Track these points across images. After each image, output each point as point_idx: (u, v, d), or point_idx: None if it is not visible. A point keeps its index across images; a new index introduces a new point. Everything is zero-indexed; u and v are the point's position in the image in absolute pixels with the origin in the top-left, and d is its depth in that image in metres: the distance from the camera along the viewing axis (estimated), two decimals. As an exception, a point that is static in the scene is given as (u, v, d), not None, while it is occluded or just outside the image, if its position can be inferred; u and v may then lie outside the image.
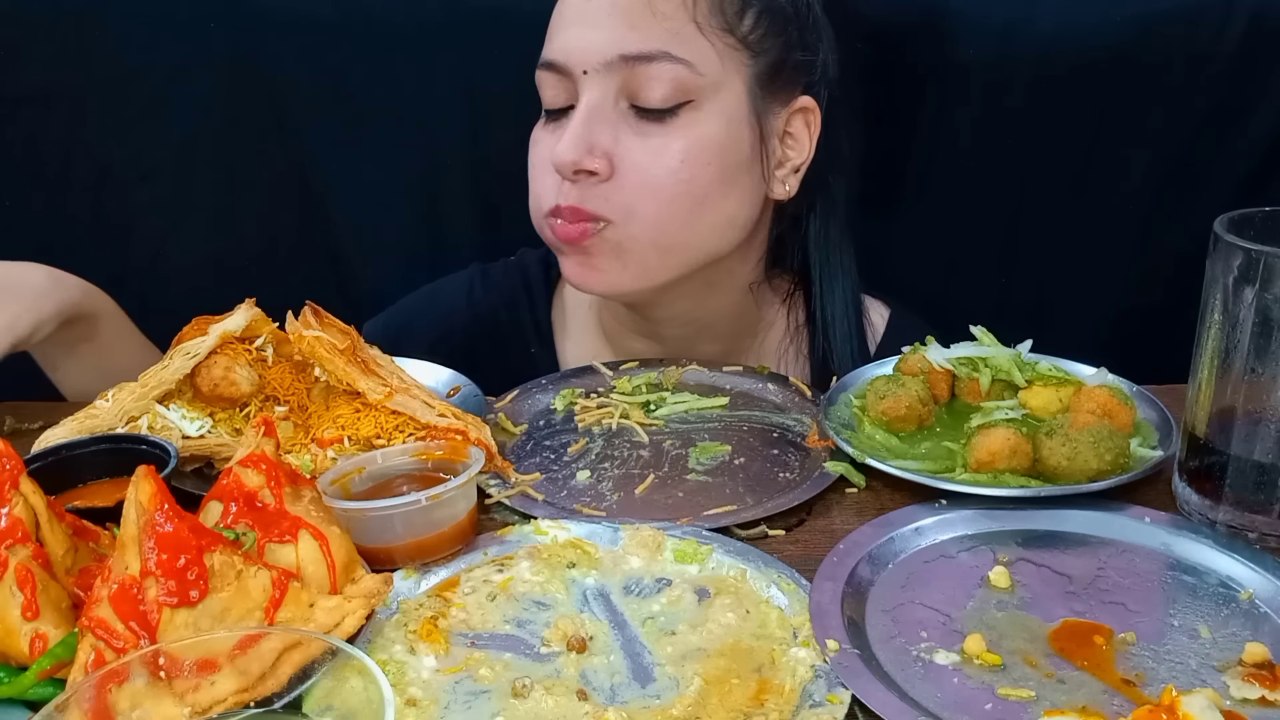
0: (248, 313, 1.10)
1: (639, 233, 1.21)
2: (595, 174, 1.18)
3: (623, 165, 1.19)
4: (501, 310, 1.46)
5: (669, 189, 1.20)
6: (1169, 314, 1.57)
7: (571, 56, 1.19)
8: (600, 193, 1.19)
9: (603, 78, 1.17)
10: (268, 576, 0.78)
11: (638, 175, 1.19)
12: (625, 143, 1.19)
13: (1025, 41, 1.47)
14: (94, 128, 1.56)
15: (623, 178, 1.19)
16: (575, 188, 1.19)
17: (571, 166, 1.18)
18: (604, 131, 1.18)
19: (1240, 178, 1.52)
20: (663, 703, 0.77)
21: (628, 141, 1.19)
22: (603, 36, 1.17)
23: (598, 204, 1.20)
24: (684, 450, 1.13)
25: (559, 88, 1.21)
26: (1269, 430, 0.90)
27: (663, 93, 1.18)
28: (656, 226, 1.21)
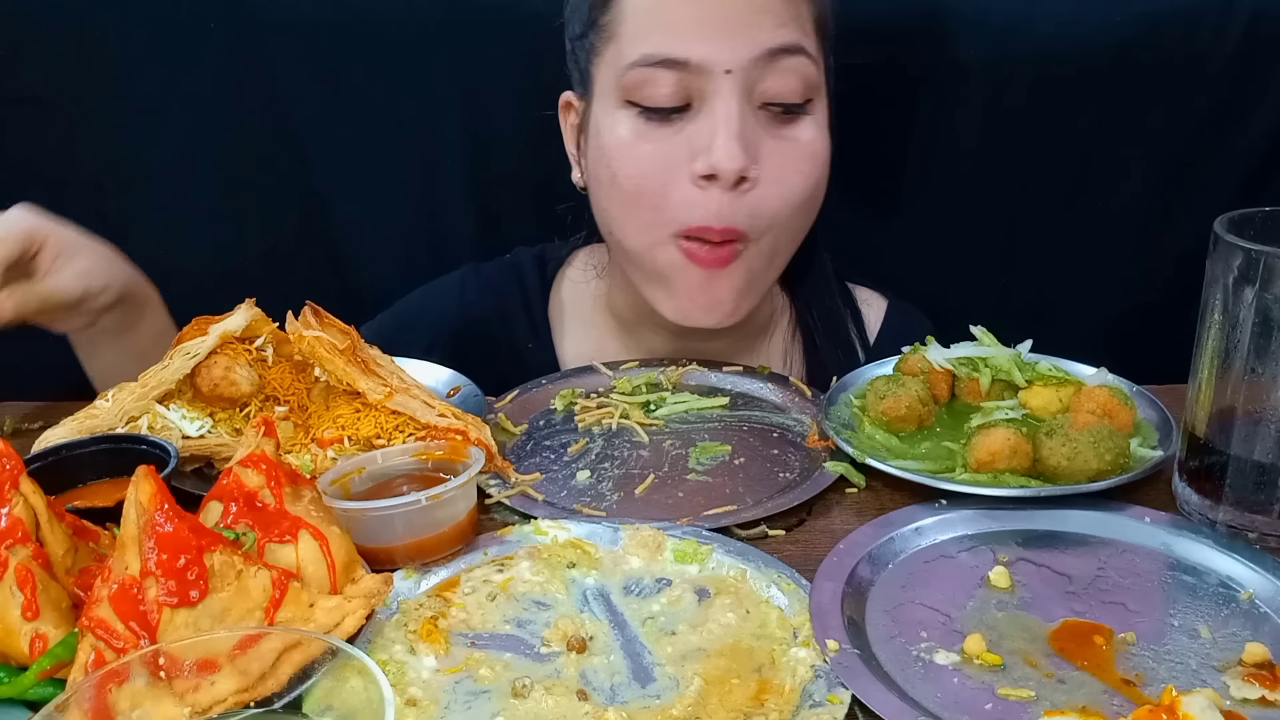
0: (248, 313, 1.10)
1: (769, 245, 1.19)
2: (748, 181, 1.14)
3: (764, 170, 1.15)
4: (494, 309, 1.43)
5: (800, 194, 1.19)
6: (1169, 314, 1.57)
7: (713, 53, 1.12)
8: (744, 204, 1.15)
9: (743, 76, 1.13)
10: (268, 576, 0.78)
11: (779, 183, 1.16)
12: (764, 145, 1.15)
13: (1025, 41, 1.47)
14: (94, 128, 1.56)
15: (764, 186, 1.15)
16: (726, 200, 1.14)
17: (737, 174, 1.12)
18: (751, 134, 1.14)
19: (1240, 178, 1.52)
20: (663, 703, 0.77)
21: (766, 144, 1.16)
22: (752, 33, 1.13)
23: (743, 218, 1.15)
24: (684, 450, 1.13)
25: (676, 86, 1.14)
26: (1269, 430, 0.90)
27: (797, 89, 1.15)
28: (786, 235, 1.20)
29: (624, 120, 1.18)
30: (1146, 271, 1.58)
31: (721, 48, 1.12)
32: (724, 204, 1.14)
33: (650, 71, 1.14)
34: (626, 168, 1.18)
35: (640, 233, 1.20)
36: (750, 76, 1.13)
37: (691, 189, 1.15)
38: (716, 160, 1.12)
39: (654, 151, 1.17)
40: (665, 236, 1.18)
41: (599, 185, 1.24)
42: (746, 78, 1.13)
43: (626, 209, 1.20)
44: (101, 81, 1.54)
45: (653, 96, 1.15)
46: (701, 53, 1.12)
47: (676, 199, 1.16)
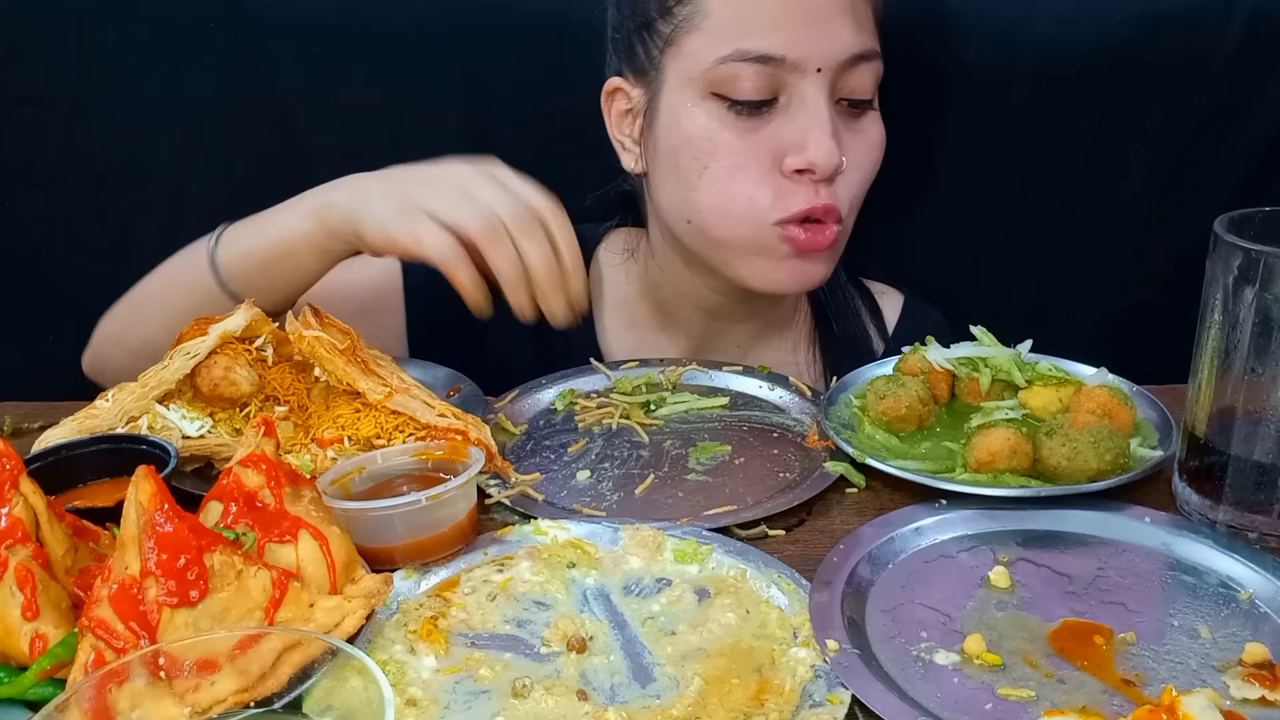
0: (248, 313, 1.10)
1: (848, 225, 1.25)
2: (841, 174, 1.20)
3: (849, 161, 1.22)
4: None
5: (869, 179, 1.26)
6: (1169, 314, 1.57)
7: (807, 52, 1.16)
8: (836, 191, 1.21)
9: (831, 75, 1.18)
10: (268, 576, 0.78)
11: (857, 170, 1.23)
12: (846, 138, 1.21)
13: (1025, 41, 1.47)
14: (94, 128, 1.56)
15: (849, 174, 1.22)
16: (824, 189, 1.20)
17: (834, 171, 1.19)
18: (838, 129, 1.20)
19: (1240, 178, 1.51)
20: (663, 703, 0.77)
21: (847, 137, 1.21)
22: (843, 35, 1.18)
23: (840, 202, 1.22)
24: (684, 450, 1.13)
25: (764, 80, 1.17)
26: (1269, 430, 0.90)
27: (870, 88, 1.22)
28: (856, 215, 1.26)
29: (711, 112, 1.21)
30: (1146, 271, 1.58)
31: (815, 48, 1.17)
32: (821, 191, 1.20)
33: (743, 66, 1.17)
34: (715, 159, 1.21)
35: (734, 224, 1.23)
36: (836, 76, 1.19)
37: (784, 181, 1.20)
38: (813, 156, 1.17)
39: (743, 144, 1.20)
40: (765, 225, 1.22)
41: (676, 173, 1.25)
42: (833, 77, 1.18)
43: (718, 201, 1.23)
44: (101, 81, 1.54)
45: (744, 90, 1.18)
46: (797, 51, 1.16)
47: (768, 190, 1.20)
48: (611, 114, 1.33)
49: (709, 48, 1.18)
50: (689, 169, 1.23)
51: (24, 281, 1.64)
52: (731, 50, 1.17)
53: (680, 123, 1.23)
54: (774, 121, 1.19)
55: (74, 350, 1.65)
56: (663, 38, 1.23)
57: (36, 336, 1.66)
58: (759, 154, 1.20)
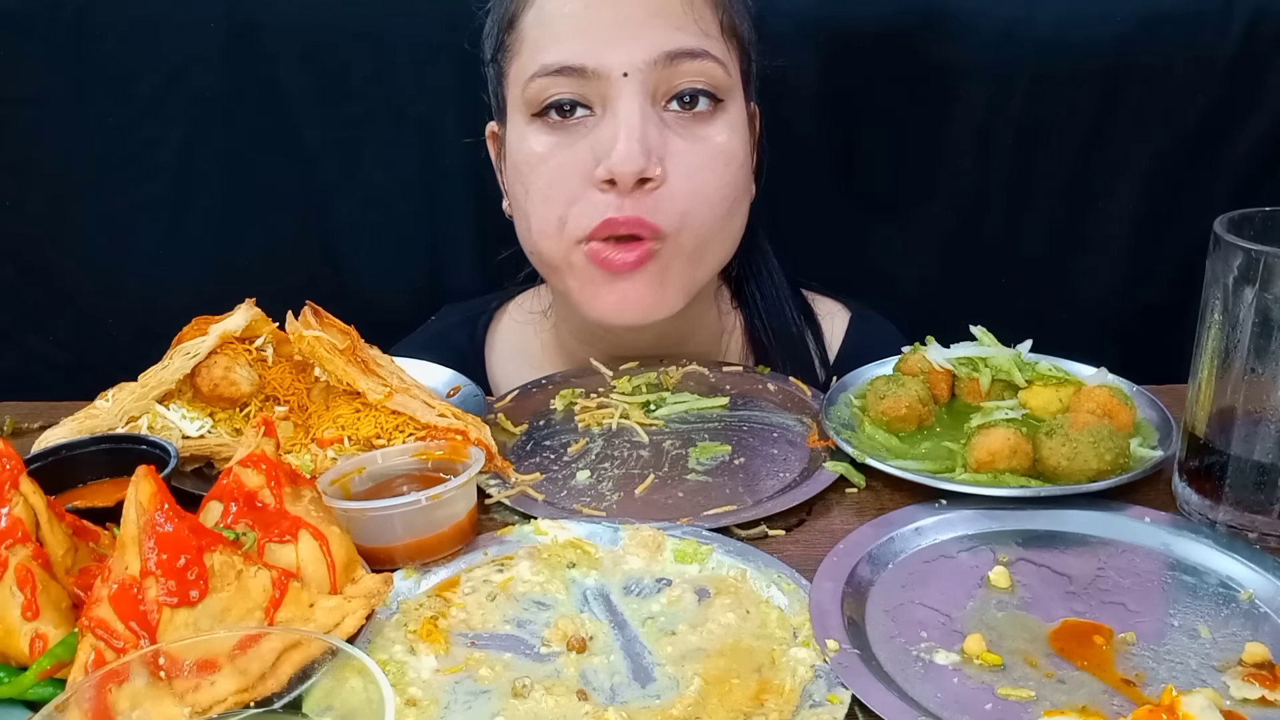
0: (248, 313, 1.10)
1: (685, 243, 1.17)
2: (652, 181, 1.13)
3: (672, 170, 1.14)
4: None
5: (715, 193, 1.17)
6: (1169, 314, 1.58)
7: (608, 57, 1.12)
8: (652, 202, 1.14)
9: (642, 78, 1.13)
10: (268, 576, 0.78)
11: (688, 180, 1.15)
12: (671, 145, 1.15)
13: (1025, 41, 1.47)
14: (94, 128, 1.56)
15: (672, 184, 1.14)
16: (631, 200, 1.13)
17: (636, 176, 1.11)
18: (654, 136, 1.13)
19: (1240, 178, 1.52)
20: (663, 703, 0.77)
21: (673, 144, 1.15)
22: (645, 35, 1.13)
23: (656, 215, 1.14)
24: (684, 450, 1.12)
25: (576, 92, 1.14)
26: (1269, 430, 0.90)
27: (708, 92, 1.16)
28: (702, 235, 1.18)
29: (532, 134, 1.18)
30: (1146, 271, 1.59)
31: (617, 52, 1.13)
32: (625, 202, 1.13)
33: (551, 80, 1.15)
34: (536, 180, 1.18)
35: (552, 244, 1.19)
36: (650, 79, 1.14)
37: (595, 194, 1.15)
38: (613, 162, 1.11)
39: (561, 160, 1.16)
40: (572, 244, 1.17)
41: (517, 205, 1.23)
42: (646, 80, 1.13)
43: (539, 222, 1.19)
44: (101, 81, 1.54)
45: (556, 104, 1.16)
46: (597, 59, 1.13)
47: (580, 204, 1.15)
48: (495, 159, 1.32)
49: (524, 68, 1.17)
50: (519, 195, 1.20)
51: (24, 282, 1.64)
52: (539, 66, 1.15)
53: (513, 150, 1.21)
54: (590, 135, 1.15)
55: (74, 350, 1.66)
56: (501, 71, 1.22)
57: (36, 336, 1.67)
58: (576, 168, 1.15)
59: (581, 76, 1.13)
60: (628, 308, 1.18)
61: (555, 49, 1.15)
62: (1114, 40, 1.46)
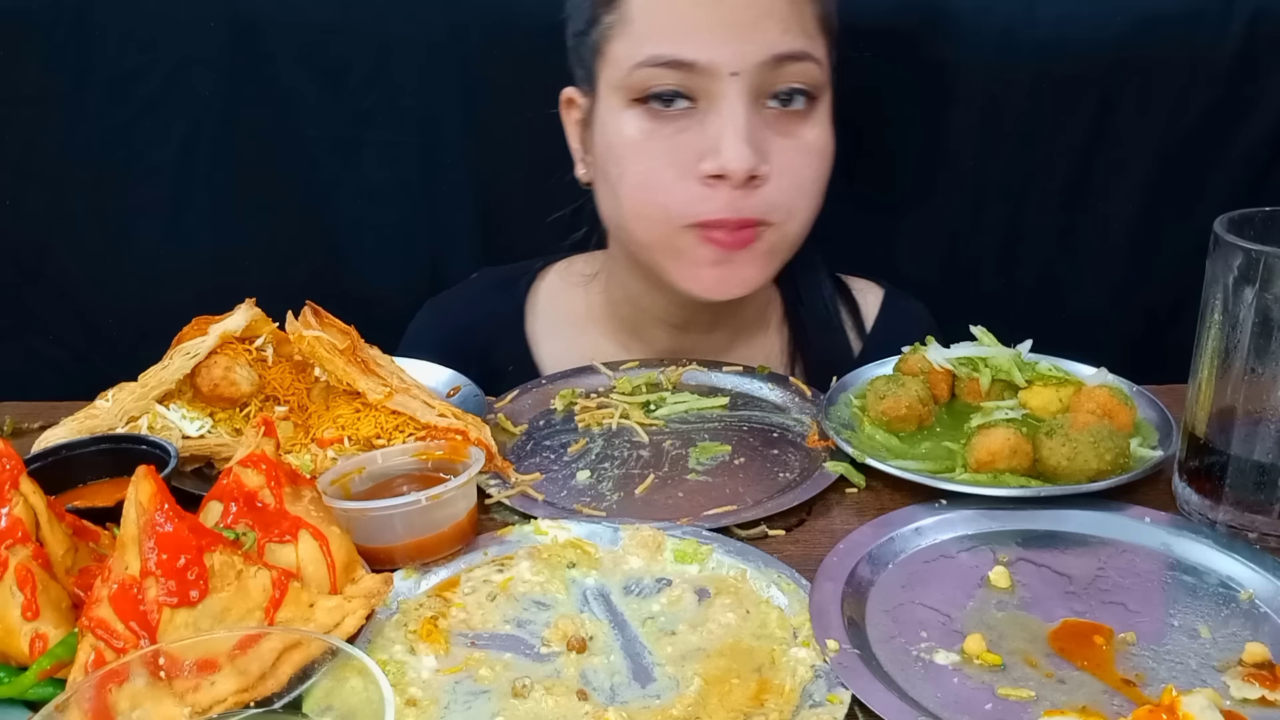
0: (248, 313, 1.10)
1: (790, 229, 1.23)
2: (758, 178, 1.17)
3: (775, 167, 1.18)
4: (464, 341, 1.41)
5: (811, 185, 1.23)
6: (1169, 314, 1.58)
7: (720, 56, 1.14)
8: (760, 197, 1.18)
9: (750, 79, 1.15)
10: (268, 576, 0.78)
11: (790, 176, 1.20)
12: (772, 144, 1.18)
13: (1025, 41, 1.47)
14: (94, 128, 1.56)
15: (778, 180, 1.18)
16: (737, 196, 1.17)
17: (746, 174, 1.15)
18: (759, 134, 1.17)
19: (1240, 178, 1.52)
20: (663, 703, 0.77)
21: (774, 143, 1.18)
22: (760, 37, 1.15)
23: (760, 210, 1.18)
24: (684, 450, 1.12)
25: (683, 86, 1.17)
26: (1269, 430, 0.90)
27: (805, 91, 1.19)
28: (804, 219, 1.24)
29: (631, 119, 1.20)
30: (1146, 271, 1.58)
31: (728, 51, 1.14)
32: (735, 198, 1.17)
33: (657, 71, 1.17)
34: (635, 165, 1.21)
35: (652, 227, 1.22)
36: (756, 79, 1.16)
37: (699, 186, 1.18)
38: (725, 161, 1.15)
39: (661, 149, 1.19)
40: (678, 228, 1.20)
41: (606, 182, 1.26)
42: (752, 80, 1.16)
43: (636, 205, 1.22)
44: (101, 81, 1.54)
45: (659, 95, 1.18)
46: (709, 55, 1.14)
47: (685, 196, 1.19)
48: (568, 124, 1.34)
49: (628, 54, 1.18)
50: (613, 175, 1.23)
51: (25, 282, 1.64)
52: (646, 56, 1.17)
53: (607, 129, 1.23)
54: (693, 127, 1.18)
55: (74, 350, 1.66)
56: (593, 46, 1.23)
57: (36, 336, 1.67)
58: (676, 159, 1.18)
59: (689, 71, 1.16)
60: (729, 284, 1.23)
61: (665, 41, 1.16)
62: (1114, 40, 1.46)
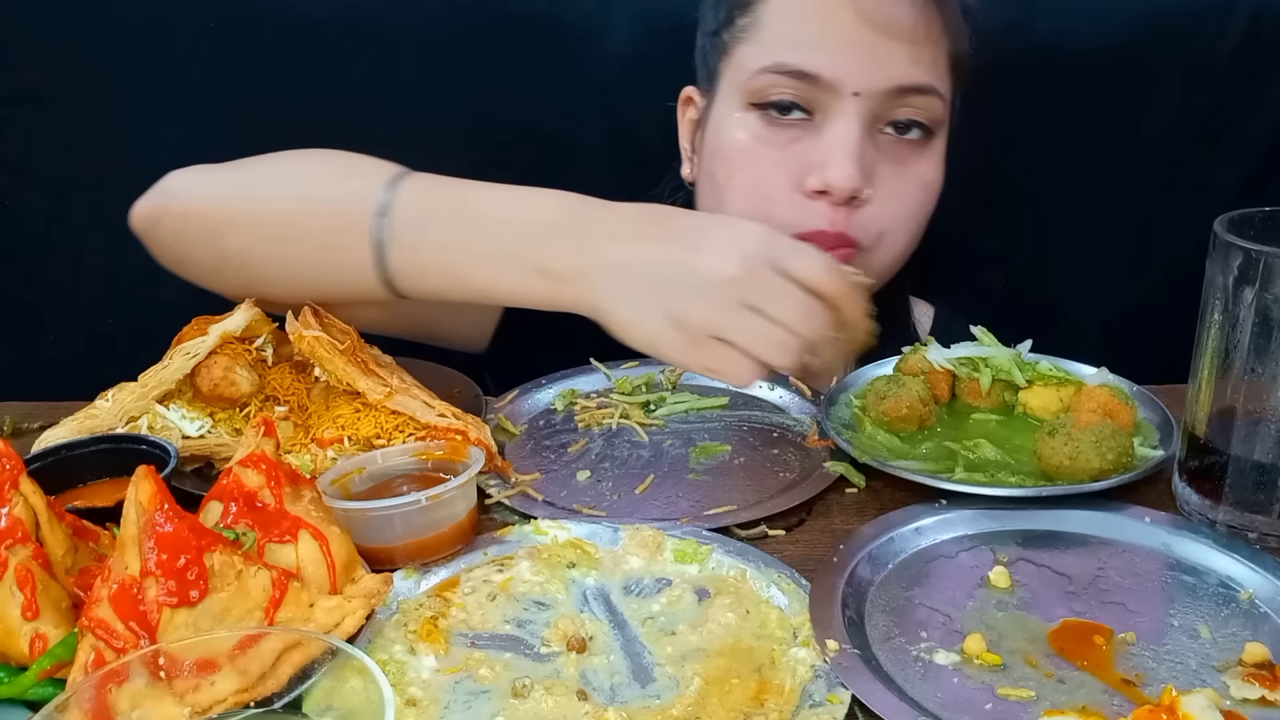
0: (248, 313, 1.10)
1: (879, 260, 1.21)
2: (860, 200, 1.16)
3: (880, 191, 1.17)
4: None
5: (913, 219, 1.22)
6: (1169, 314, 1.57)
7: (844, 74, 1.13)
8: (859, 218, 1.17)
9: (870, 102, 1.14)
10: (268, 576, 0.78)
11: (893, 204, 1.19)
12: (880, 169, 1.17)
13: (1025, 41, 1.47)
14: (94, 128, 1.56)
15: (879, 205, 1.17)
16: (839, 214, 1.16)
17: (850, 194, 1.14)
18: (869, 157, 1.16)
19: (1240, 178, 1.52)
20: (663, 703, 0.77)
21: (882, 168, 1.17)
22: (891, 64, 1.14)
23: (857, 230, 1.17)
24: (684, 450, 1.13)
25: (802, 97, 1.16)
26: (1269, 430, 0.90)
27: (923, 124, 1.18)
28: (895, 252, 1.22)
29: (745, 123, 1.20)
30: (1146, 271, 1.58)
31: (856, 71, 1.14)
32: (836, 214, 1.16)
33: (780, 79, 1.16)
34: (742, 170, 1.20)
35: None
36: (877, 103, 1.15)
37: (802, 199, 1.17)
38: (831, 177, 1.14)
39: (771, 158, 1.18)
40: None
41: (712, 183, 1.25)
42: (873, 104, 1.15)
43: (740, 210, 1.21)
44: (101, 81, 1.54)
45: (772, 95, 1.17)
46: (835, 71, 1.13)
47: (789, 207, 1.17)
48: (683, 121, 1.34)
49: (755, 58, 1.18)
50: (719, 177, 1.22)
51: (24, 281, 1.64)
52: (771, 62, 1.16)
53: (720, 132, 1.22)
54: (804, 140, 1.17)
55: (74, 350, 1.66)
56: (722, 47, 1.23)
57: (36, 336, 1.67)
58: (785, 169, 1.18)
59: (812, 83, 1.15)
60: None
61: (794, 51, 1.15)
62: (1114, 40, 1.46)
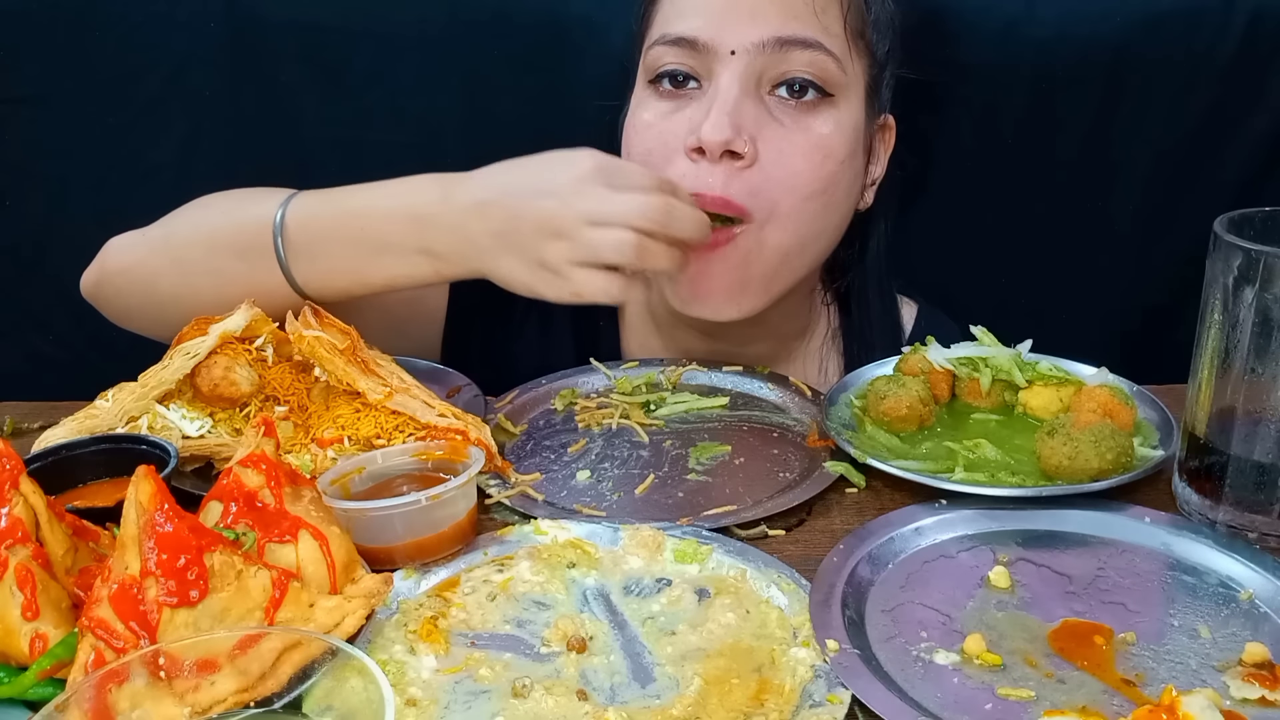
0: (248, 313, 1.10)
1: (772, 236, 1.17)
2: (739, 157, 1.14)
3: (765, 152, 1.15)
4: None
5: (808, 184, 1.17)
6: (1169, 314, 1.58)
7: (720, 34, 1.15)
8: (742, 181, 1.14)
9: (749, 59, 1.15)
10: (268, 576, 0.78)
11: (781, 165, 1.16)
12: (768, 129, 1.16)
13: (1025, 41, 1.47)
14: (94, 127, 1.56)
15: (765, 167, 1.15)
16: (719, 173, 1.13)
17: (721, 146, 1.12)
18: (749, 114, 1.15)
19: (1240, 178, 1.51)
20: (663, 703, 0.77)
21: (770, 128, 1.16)
22: (760, 19, 1.16)
23: (742, 194, 1.14)
24: (684, 450, 1.12)
25: (686, 64, 1.18)
26: (1269, 430, 0.90)
27: (816, 85, 1.17)
28: (791, 227, 1.18)
29: (644, 101, 1.23)
30: (1146, 271, 1.58)
31: (729, 30, 1.16)
32: (716, 176, 1.14)
33: (665, 50, 1.20)
34: (636, 145, 1.22)
35: None
36: (757, 61, 1.16)
37: (688, 164, 1.16)
38: (703, 132, 1.13)
39: (660, 128, 1.20)
40: None
41: None
42: (753, 62, 1.16)
43: None
44: (102, 81, 1.54)
45: (670, 74, 1.20)
46: (709, 33, 1.16)
47: (675, 171, 1.16)
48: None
49: (648, 39, 1.22)
50: (624, 156, 1.23)
51: (24, 281, 1.64)
52: (658, 35, 1.20)
53: (631, 116, 1.25)
54: (691, 105, 1.18)
55: (74, 350, 1.66)
56: (639, 38, 1.27)
57: (36, 336, 1.67)
58: (671, 136, 1.18)
59: (693, 49, 1.17)
60: (701, 293, 1.19)
61: (679, 22, 1.19)
62: (1114, 40, 1.46)
